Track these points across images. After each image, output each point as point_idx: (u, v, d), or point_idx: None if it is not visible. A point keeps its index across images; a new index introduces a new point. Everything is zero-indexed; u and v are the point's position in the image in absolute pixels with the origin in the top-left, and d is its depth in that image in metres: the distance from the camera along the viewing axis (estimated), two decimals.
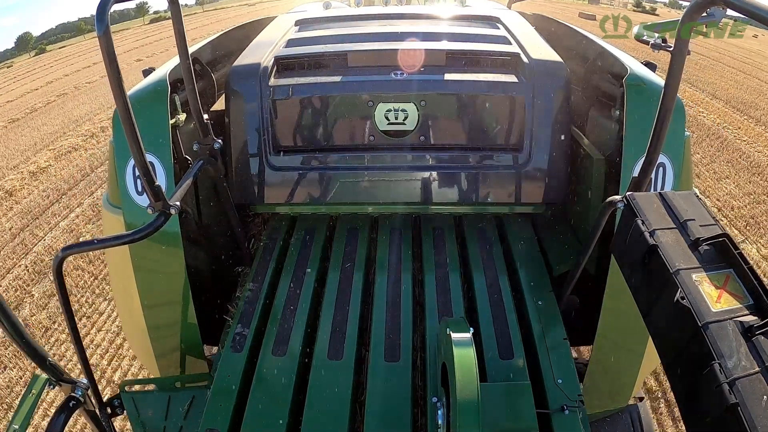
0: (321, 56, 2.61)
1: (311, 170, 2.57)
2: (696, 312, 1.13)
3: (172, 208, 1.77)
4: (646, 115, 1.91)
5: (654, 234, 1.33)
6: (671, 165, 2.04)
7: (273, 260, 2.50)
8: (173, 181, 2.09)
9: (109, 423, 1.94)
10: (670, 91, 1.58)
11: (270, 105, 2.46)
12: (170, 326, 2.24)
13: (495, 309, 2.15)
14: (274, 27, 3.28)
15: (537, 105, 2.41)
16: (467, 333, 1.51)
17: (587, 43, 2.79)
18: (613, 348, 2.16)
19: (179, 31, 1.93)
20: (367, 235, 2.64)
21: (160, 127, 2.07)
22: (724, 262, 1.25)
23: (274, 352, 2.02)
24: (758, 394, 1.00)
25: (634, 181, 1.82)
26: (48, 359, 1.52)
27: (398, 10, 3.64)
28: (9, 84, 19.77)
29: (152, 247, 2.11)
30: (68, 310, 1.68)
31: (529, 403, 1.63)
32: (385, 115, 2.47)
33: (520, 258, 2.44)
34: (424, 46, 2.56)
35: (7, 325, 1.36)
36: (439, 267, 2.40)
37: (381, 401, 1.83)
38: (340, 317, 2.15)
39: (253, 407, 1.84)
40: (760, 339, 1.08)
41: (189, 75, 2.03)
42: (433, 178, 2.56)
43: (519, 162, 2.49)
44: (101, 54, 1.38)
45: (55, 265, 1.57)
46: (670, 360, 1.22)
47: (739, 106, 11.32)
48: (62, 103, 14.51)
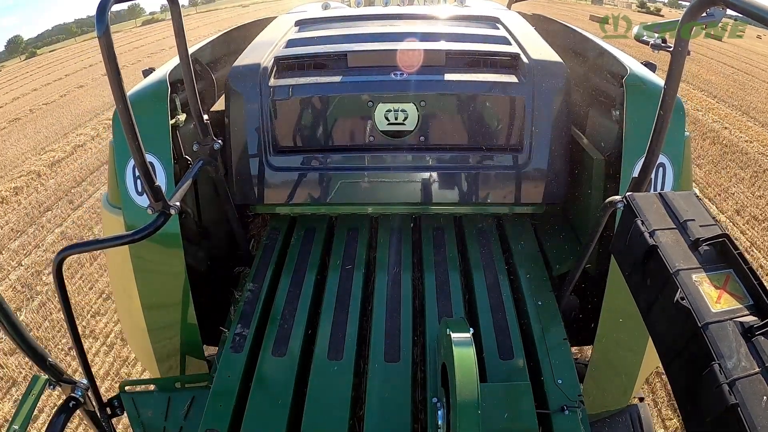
0: (321, 56, 2.61)
1: (311, 170, 2.57)
2: (696, 312, 1.13)
3: (172, 209, 1.77)
4: (646, 115, 1.91)
5: (654, 234, 1.33)
6: (671, 165, 2.04)
7: (273, 260, 2.50)
8: (173, 182, 2.09)
9: (109, 423, 1.94)
10: (670, 91, 1.58)
11: (270, 105, 2.46)
12: (170, 327, 2.24)
13: (495, 309, 2.15)
14: (274, 27, 3.28)
15: (537, 105, 2.41)
16: (467, 333, 1.51)
17: (587, 43, 2.79)
18: (613, 348, 2.16)
19: (179, 31, 1.93)
20: (367, 235, 2.64)
21: (160, 127, 2.07)
22: (724, 263, 1.25)
23: (274, 352, 2.02)
24: (758, 395, 1.00)
25: (634, 181, 1.82)
26: (48, 359, 1.52)
27: (398, 11, 3.64)
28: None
29: (152, 248, 2.11)
30: (68, 309, 1.68)
31: (529, 403, 1.63)
32: (385, 115, 2.47)
33: (520, 258, 2.44)
34: (424, 47, 2.56)
35: (7, 325, 1.36)
36: (439, 267, 2.40)
37: (381, 401, 1.83)
38: (340, 318, 2.15)
39: (253, 407, 1.84)
40: (760, 339, 1.08)
41: (189, 75, 2.03)
42: (433, 178, 2.56)
43: (519, 162, 2.49)
44: (101, 54, 1.38)
45: (55, 265, 1.57)
46: (670, 360, 1.22)
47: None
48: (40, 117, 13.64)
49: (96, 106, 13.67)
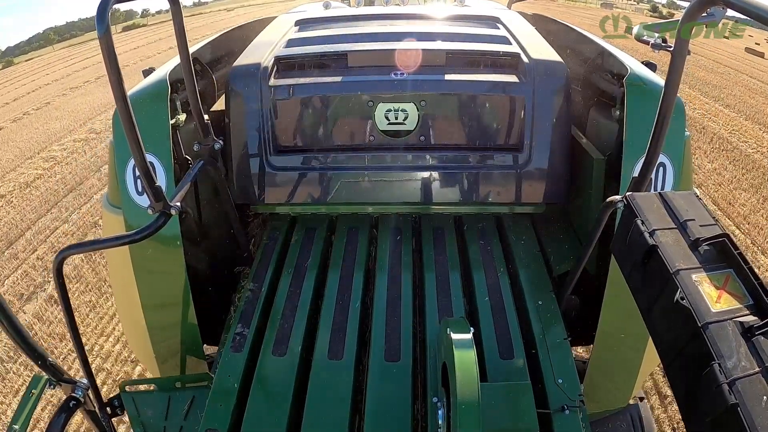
0: (321, 56, 2.61)
1: (311, 170, 2.57)
2: (696, 312, 1.13)
3: (173, 209, 1.77)
4: (646, 115, 1.91)
5: (654, 234, 1.33)
6: (671, 165, 2.04)
7: (273, 260, 2.50)
8: (173, 182, 2.09)
9: (109, 423, 1.94)
10: (670, 91, 1.58)
11: (270, 105, 2.46)
12: (170, 326, 2.24)
13: (495, 309, 2.15)
14: (275, 27, 3.28)
15: (537, 105, 2.40)
16: (467, 333, 1.51)
17: (587, 43, 2.79)
18: (613, 348, 2.16)
19: (179, 31, 1.93)
20: (367, 235, 2.64)
21: (160, 127, 2.07)
22: (724, 262, 1.25)
23: (274, 352, 2.02)
24: (758, 395, 0.99)
25: (634, 181, 1.82)
26: (48, 359, 1.52)
27: (398, 10, 3.64)
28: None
29: (152, 248, 2.10)
30: (68, 309, 1.68)
31: (530, 403, 1.63)
32: (385, 115, 2.47)
33: (520, 258, 2.44)
34: (424, 46, 2.56)
35: (7, 325, 1.36)
36: (439, 267, 2.40)
37: (381, 401, 1.83)
38: (341, 317, 2.15)
39: (253, 407, 1.84)
40: (760, 339, 1.07)
41: (189, 75, 2.03)
42: (433, 178, 2.56)
43: (519, 162, 2.49)
44: (101, 54, 1.38)
45: (55, 265, 1.57)
46: (670, 360, 1.22)
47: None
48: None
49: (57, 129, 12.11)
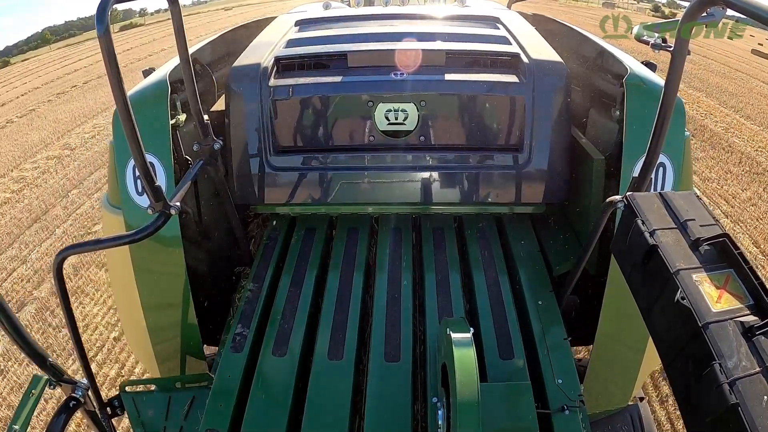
0: (321, 56, 2.61)
1: (311, 170, 2.57)
2: (696, 312, 1.13)
3: (173, 209, 1.77)
4: (646, 115, 1.91)
5: (654, 234, 1.33)
6: (671, 165, 2.04)
7: (273, 260, 2.50)
8: (173, 182, 2.09)
9: (109, 423, 1.93)
10: (670, 91, 1.58)
11: (270, 105, 2.46)
12: (170, 327, 2.24)
13: (495, 309, 2.15)
14: (274, 27, 3.28)
15: (537, 105, 2.40)
16: (467, 333, 1.51)
17: (587, 43, 2.79)
18: (613, 348, 2.16)
19: (179, 31, 1.93)
20: (367, 235, 2.64)
21: (160, 127, 2.07)
22: (725, 262, 1.25)
23: (274, 352, 2.02)
24: (758, 394, 1.00)
25: (634, 181, 1.82)
26: (48, 359, 1.52)
27: (398, 11, 3.64)
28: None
29: (152, 248, 2.11)
30: (68, 309, 1.68)
31: (529, 403, 1.63)
32: (385, 115, 2.47)
33: (520, 258, 2.44)
34: (424, 47, 2.56)
35: (7, 325, 1.36)
36: (439, 267, 2.40)
37: (381, 401, 1.83)
38: (341, 317, 2.15)
39: (253, 407, 1.84)
40: (761, 339, 1.08)
41: (189, 75, 2.03)
42: (433, 178, 2.56)
43: (519, 162, 2.49)
44: (101, 54, 1.38)
45: (55, 265, 1.57)
46: (670, 360, 1.22)
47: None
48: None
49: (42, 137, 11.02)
